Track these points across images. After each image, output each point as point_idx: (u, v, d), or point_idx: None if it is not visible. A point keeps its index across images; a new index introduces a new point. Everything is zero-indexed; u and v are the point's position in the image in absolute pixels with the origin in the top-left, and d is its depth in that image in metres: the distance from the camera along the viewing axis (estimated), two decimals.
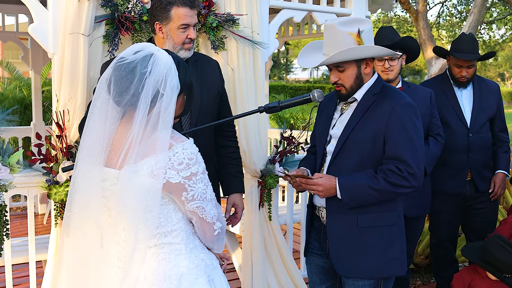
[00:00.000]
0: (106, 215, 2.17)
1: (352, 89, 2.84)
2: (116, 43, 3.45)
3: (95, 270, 2.17)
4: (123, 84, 2.04)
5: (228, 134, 3.48)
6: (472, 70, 4.23)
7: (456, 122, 4.24)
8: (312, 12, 4.51)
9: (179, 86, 2.10)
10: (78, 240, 2.18)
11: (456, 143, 4.23)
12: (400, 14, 20.70)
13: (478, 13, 13.13)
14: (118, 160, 2.07)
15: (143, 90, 2.02)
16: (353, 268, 2.84)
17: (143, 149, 2.03)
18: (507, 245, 3.59)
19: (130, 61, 2.06)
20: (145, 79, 2.02)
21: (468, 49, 4.17)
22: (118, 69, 2.06)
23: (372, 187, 2.70)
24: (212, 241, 2.25)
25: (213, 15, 3.77)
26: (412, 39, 4.02)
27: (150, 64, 2.04)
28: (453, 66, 4.26)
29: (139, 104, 2.03)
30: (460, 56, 4.13)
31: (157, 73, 2.04)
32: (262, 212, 4.19)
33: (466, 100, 4.30)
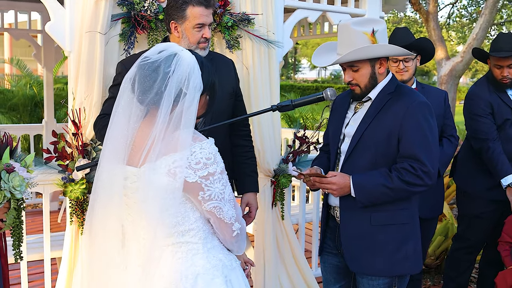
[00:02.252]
0: (127, 213, 2.19)
1: (366, 88, 2.85)
2: (132, 42, 3.47)
3: (117, 266, 2.18)
4: (146, 83, 2.06)
5: (243, 134, 3.49)
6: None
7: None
8: (326, 12, 4.52)
9: (202, 86, 2.11)
10: (101, 238, 2.19)
11: None
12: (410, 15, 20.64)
13: (489, 14, 13.08)
14: (140, 158, 2.09)
15: (166, 89, 2.03)
16: (367, 265, 2.85)
17: (164, 148, 2.04)
18: None
19: (154, 60, 2.08)
20: (169, 78, 2.04)
21: (507, 47, 4.03)
22: (142, 68, 2.08)
23: (386, 185, 2.71)
24: (232, 242, 2.23)
25: (229, 15, 3.78)
26: (427, 40, 4.00)
27: (173, 64, 2.06)
28: (494, 68, 4.14)
29: (162, 102, 2.04)
30: (498, 54, 4.01)
31: (180, 72, 2.05)
32: (275, 211, 4.20)
33: None
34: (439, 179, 3.92)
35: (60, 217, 6.39)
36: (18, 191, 3.14)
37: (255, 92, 3.92)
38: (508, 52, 4.01)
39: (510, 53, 3.99)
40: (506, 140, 4.13)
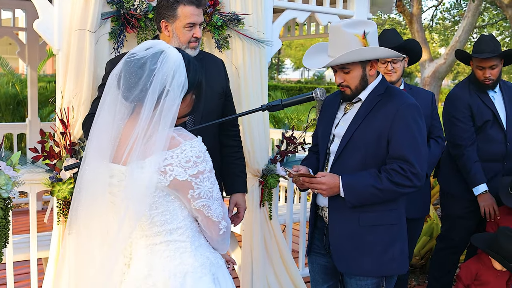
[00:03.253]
0: (113, 212, 2.17)
1: (357, 90, 2.86)
2: (121, 41, 3.46)
3: (102, 266, 2.16)
4: (132, 79, 2.05)
5: (232, 134, 3.48)
6: (496, 71, 4.15)
7: (496, 130, 4.18)
8: (314, 13, 4.54)
9: (186, 84, 2.10)
10: (85, 237, 2.18)
11: (494, 152, 4.19)
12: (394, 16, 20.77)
13: (472, 17, 13.22)
14: (123, 156, 2.08)
15: (150, 86, 2.03)
16: (355, 266, 2.87)
17: (151, 146, 2.03)
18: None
19: (140, 57, 2.07)
20: (154, 75, 2.03)
21: (488, 49, 4.09)
22: (128, 65, 2.07)
23: (375, 186, 2.73)
24: (218, 240, 2.24)
25: (218, 14, 3.78)
26: (415, 42, 4.03)
27: (159, 61, 2.05)
28: (476, 69, 4.20)
29: (146, 100, 2.03)
30: (479, 55, 4.07)
31: (165, 70, 2.04)
32: (263, 211, 4.21)
33: (498, 106, 4.23)
34: (426, 180, 3.95)
35: (47, 217, 6.33)
36: (4, 190, 3.13)
37: (244, 92, 3.92)
38: (489, 53, 4.07)
39: (491, 55, 4.06)
40: (486, 141, 4.19)
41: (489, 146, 4.18)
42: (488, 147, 4.18)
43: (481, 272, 3.79)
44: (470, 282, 3.82)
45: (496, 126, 4.17)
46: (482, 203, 4.16)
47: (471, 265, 3.88)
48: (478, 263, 3.85)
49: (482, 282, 3.79)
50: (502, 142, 4.18)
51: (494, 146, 4.18)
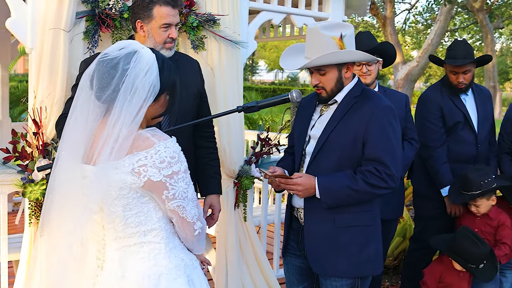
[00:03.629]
0: (86, 214, 2.14)
1: (332, 92, 2.88)
2: (96, 40, 3.42)
3: (75, 269, 2.14)
4: (105, 79, 2.03)
5: (206, 135, 3.47)
6: (469, 75, 4.22)
7: (467, 132, 4.25)
8: (290, 15, 4.55)
9: (158, 84, 2.08)
10: (57, 239, 2.14)
11: (465, 153, 4.25)
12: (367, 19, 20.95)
13: (444, 21, 13.40)
14: (93, 156, 2.06)
15: (122, 86, 2.01)
16: (330, 267, 2.88)
17: (125, 147, 2.01)
18: (474, 237, 3.69)
19: (113, 57, 2.05)
20: (126, 75, 2.02)
21: (461, 55, 4.17)
22: (101, 65, 2.06)
23: (351, 187, 2.74)
24: (193, 241, 2.23)
25: (194, 15, 3.76)
26: (390, 45, 4.07)
27: (132, 61, 2.04)
28: (449, 74, 4.26)
29: (117, 100, 2.02)
30: (453, 62, 4.14)
31: (137, 70, 2.03)
32: (238, 212, 4.20)
33: (470, 108, 4.29)
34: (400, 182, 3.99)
35: (18, 218, 6.23)
36: None
37: (220, 93, 3.91)
38: (463, 60, 4.14)
39: (465, 62, 4.13)
40: (457, 142, 4.26)
41: (460, 147, 4.25)
42: (459, 148, 4.25)
43: (445, 274, 3.83)
44: (435, 286, 3.86)
45: (467, 127, 4.24)
46: (448, 204, 4.24)
47: (434, 268, 3.92)
48: (440, 265, 3.89)
49: (446, 284, 3.83)
50: (473, 143, 4.24)
51: (465, 147, 4.24)
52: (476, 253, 3.64)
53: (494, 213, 3.99)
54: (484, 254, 3.67)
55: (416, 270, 4.41)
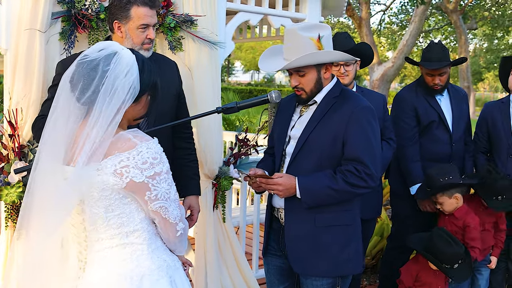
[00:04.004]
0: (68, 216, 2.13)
1: (312, 93, 2.89)
2: (72, 41, 3.39)
3: (56, 271, 2.12)
4: (85, 81, 2.02)
5: (185, 136, 3.47)
6: (445, 77, 4.28)
7: (441, 131, 4.30)
8: (267, 16, 4.55)
9: (138, 85, 2.08)
10: (37, 241, 2.11)
11: (440, 152, 4.31)
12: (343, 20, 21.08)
13: (419, 22, 13.53)
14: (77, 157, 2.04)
15: (102, 87, 2.00)
16: (310, 267, 2.89)
17: (101, 148, 2.00)
18: (449, 238, 3.73)
19: (93, 58, 2.04)
20: (106, 77, 2.01)
21: (437, 57, 4.22)
22: (81, 66, 2.04)
23: (331, 187, 2.76)
24: (175, 242, 2.23)
25: (171, 16, 3.75)
26: (367, 45, 4.10)
27: (112, 62, 2.03)
28: (425, 75, 4.31)
29: (97, 101, 2.01)
30: (428, 66, 4.19)
31: (117, 71, 2.02)
32: (216, 213, 4.19)
33: (445, 108, 4.35)
34: None
35: None
36: None
37: (198, 94, 3.90)
38: (438, 63, 4.19)
39: (440, 65, 4.18)
40: (432, 141, 4.31)
41: (435, 146, 4.30)
42: (434, 147, 4.30)
43: (421, 273, 3.86)
44: (412, 284, 3.89)
45: (442, 127, 4.29)
46: (419, 202, 4.30)
47: (411, 267, 3.95)
48: (417, 264, 3.92)
49: (423, 282, 3.86)
50: (447, 142, 4.30)
51: (440, 146, 4.30)
52: (450, 253, 3.68)
53: (460, 213, 4.03)
54: (458, 255, 3.70)
55: (394, 269, 4.44)
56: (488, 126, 4.49)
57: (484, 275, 4.42)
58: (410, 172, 4.29)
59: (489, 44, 30.03)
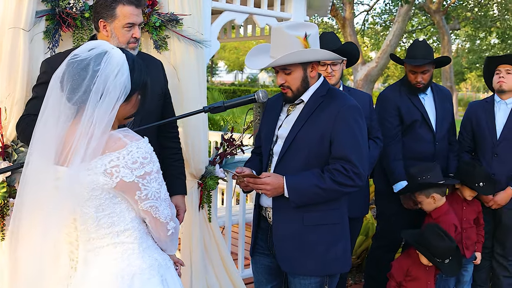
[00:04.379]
0: (59, 215, 2.11)
1: (298, 91, 2.89)
2: (56, 40, 3.36)
3: (48, 270, 2.11)
4: (75, 81, 2.01)
5: (171, 135, 3.45)
6: (428, 75, 4.31)
7: (424, 130, 4.33)
8: (253, 15, 4.55)
9: (129, 85, 2.08)
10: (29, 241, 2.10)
11: (423, 150, 4.34)
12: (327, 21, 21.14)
13: (402, 22, 13.60)
14: (67, 157, 2.04)
15: (93, 87, 2.00)
16: (299, 266, 2.89)
17: (97, 148, 2.00)
18: (442, 232, 3.76)
19: (84, 58, 2.03)
20: (97, 76, 2.00)
21: (421, 55, 4.26)
22: (71, 66, 2.03)
23: (319, 186, 2.76)
24: (166, 241, 2.23)
25: (156, 15, 3.73)
26: (353, 45, 4.11)
27: (103, 62, 2.02)
28: (409, 73, 4.35)
29: (88, 101, 2.00)
30: (412, 62, 4.22)
31: (108, 71, 2.02)
32: (202, 213, 4.18)
33: (428, 108, 4.38)
34: None
35: None
36: None
37: (184, 93, 3.89)
38: (422, 60, 4.22)
39: (423, 62, 4.22)
40: (415, 140, 4.34)
41: (418, 145, 4.33)
42: (418, 146, 4.33)
43: (412, 268, 3.89)
44: (402, 279, 3.92)
45: (425, 126, 4.33)
46: (402, 199, 4.34)
47: (402, 262, 3.97)
48: (408, 259, 3.95)
49: (413, 277, 3.89)
50: (431, 141, 4.33)
51: (423, 145, 4.33)
52: (442, 247, 3.70)
53: (438, 213, 4.07)
54: (450, 249, 3.73)
55: (379, 268, 4.47)
56: (473, 126, 4.53)
57: (469, 272, 4.47)
58: (392, 171, 4.32)
59: (471, 45, 30.30)
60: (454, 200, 4.35)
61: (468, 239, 4.25)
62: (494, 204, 4.38)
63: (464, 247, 4.23)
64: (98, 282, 2.08)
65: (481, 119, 4.47)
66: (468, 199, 4.31)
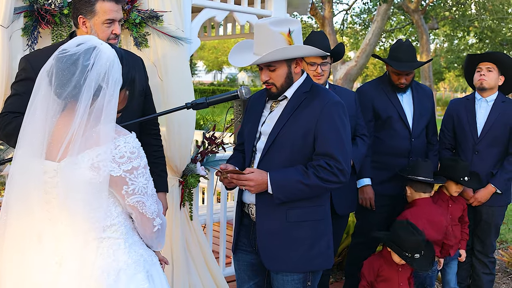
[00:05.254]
0: (46, 210, 2.11)
1: (282, 88, 2.89)
2: (35, 37, 3.31)
3: (35, 267, 2.09)
4: (64, 76, 2.01)
5: (152, 132, 3.43)
6: (411, 76, 4.35)
7: (400, 126, 4.35)
8: (233, 12, 4.54)
9: (121, 80, 2.08)
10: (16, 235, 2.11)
11: (399, 146, 4.36)
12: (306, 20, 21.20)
13: (381, 21, 13.69)
14: (58, 153, 2.03)
15: (85, 82, 1.99)
16: (282, 262, 2.89)
17: (85, 142, 2.00)
18: (411, 227, 3.80)
19: (73, 53, 2.03)
20: (87, 71, 2.00)
21: (406, 58, 4.28)
22: (60, 61, 2.03)
23: (302, 182, 2.76)
24: (152, 238, 2.23)
25: (136, 11, 3.70)
26: (341, 44, 4.14)
27: (92, 57, 2.02)
28: (392, 74, 4.36)
29: (80, 96, 2.00)
30: (398, 67, 4.23)
31: (99, 66, 2.02)
32: (183, 211, 4.15)
33: (406, 105, 4.41)
34: (354, 176, 4.06)
35: None
36: None
37: (167, 90, 3.86)
38: (407, 66, 4.24)
39: (411, 67, 4.25)
40: (391, 137, 4.38)
41: (394, 141, 4.37)
42: (393, 142, 4.36)
43: (383, 268, 3.88)
44: (373, 279, 3.92)
45: (401, 122, 4.36)
46: (361, 195, 4.36)
47: (373, 261, 3.97)
48: (380, 259, 3.94)
49: (384, 278, 3.88)
50: (406, 138, 4.36)
51: (399, 141, 4.36)
52: (413, 240, 3.70)
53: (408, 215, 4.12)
54: (420, 243, 3.73)
55: (359, 265, 4.49)
56: (454, 123, 4.57)
57: (453, 269, 4.50)
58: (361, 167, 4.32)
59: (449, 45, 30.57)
60: (440, 198, 4.37)
61: (453, 237, 4.28)
62: (475, 201, 4.42)
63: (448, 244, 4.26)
64: (84, 277, 2.06)
65: (462, 117, 4.51)
66: (454, 195, 4.35)
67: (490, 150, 4.40)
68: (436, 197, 4.36)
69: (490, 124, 4.39)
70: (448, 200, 4.37)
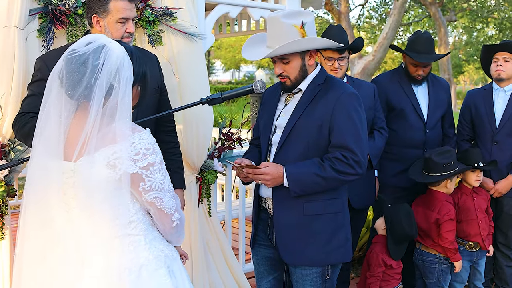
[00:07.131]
0: (65, 210, 2.11)
1: (296, 80, 2.88)
2: (50, 37, 3.34)
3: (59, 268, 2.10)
4: (75, 77, 2.01)
5: (168, 129, 3.44)
6: (428, 68, 4.32)
7: (415, 118, 4.32)
8: (247, 8, 4.53)
9: (132, 77, 2.08)
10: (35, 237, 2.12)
11: (413, 138, 4.33)
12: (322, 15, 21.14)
13: (398, 14, 13.59)
14: (74, 153, 2.04)
15: (96, 82, 2.00)
16: (300, 256, 2.88)
17: (100, 141, 2.01)
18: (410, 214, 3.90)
19: (82, 53, 2.03)
20: (98, 71, 2.00)
21: (425, 50, 4.24)
22: (69, 62, 2.03)
23: (319, 174, 2.74)
24: (171, 233, 2.23)
25: (150, 9, 3.71)
26: (360, 38, 4.12)
27: (102, 56, 2.02)
28: (409, 65, 4.33)
29: (92, 96, 2.01)
30: (417, 58, 4.19)
31: (110, 65, 2.02)
32: (202, 208, 4.16)
33: (421, 96, 4.38)
34: (371, 171, 4.04)
35: None
36: None
37: (183, 87, 3.86)
38: (427, 58, 4.20)
39: (430, 59, 4.21)
40: (406, 128, 4.34)
41: (408, 132, 4.33)
42: (408, 134, 4.33)
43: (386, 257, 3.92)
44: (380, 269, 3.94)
45: (415, 114, 4.32)
46: None
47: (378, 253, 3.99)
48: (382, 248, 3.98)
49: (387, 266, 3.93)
50: (421, 129, 4.33)
51: (414, 133, 4.34)
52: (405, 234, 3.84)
53: None
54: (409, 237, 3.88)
55: None
56: (472, 114, 4.52)
57: (482, 266, 4.44)
58: None
59: (468, 38, 30.26)
60: (464, 192, 4.32)
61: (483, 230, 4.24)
62: (496, 192, 4.38)
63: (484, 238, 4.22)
64: (106, 275, 2.08)
65: (480, 107, 4.46)
66: (475, 184, 4.28)
67: (509, 140, 4.35)
68: (458, 193, 4.30)
69: (508, 114, 4.34)
70: (472, 194, 4.30)
